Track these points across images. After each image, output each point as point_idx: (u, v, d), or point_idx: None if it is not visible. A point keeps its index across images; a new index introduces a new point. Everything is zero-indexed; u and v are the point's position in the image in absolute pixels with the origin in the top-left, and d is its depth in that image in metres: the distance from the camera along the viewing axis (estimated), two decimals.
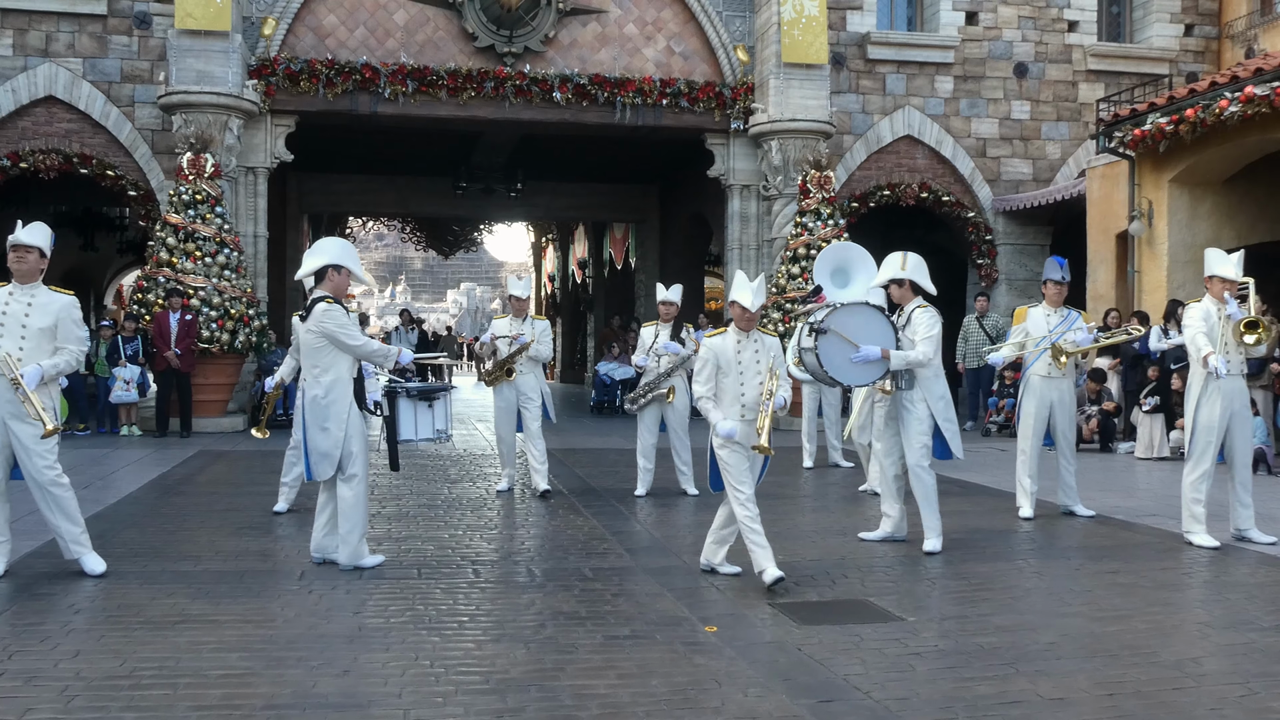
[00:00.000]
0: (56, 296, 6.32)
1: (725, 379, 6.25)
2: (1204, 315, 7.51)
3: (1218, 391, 7.44)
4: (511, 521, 8.32)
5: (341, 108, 16.29)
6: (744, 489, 6.18)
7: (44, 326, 6.20)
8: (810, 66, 16.69)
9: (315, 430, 6.49)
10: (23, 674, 4.51)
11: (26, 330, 6.16)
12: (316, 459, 6.51)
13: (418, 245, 36.21)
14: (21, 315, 6.17)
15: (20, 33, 15.69)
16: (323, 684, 4.45)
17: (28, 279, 6.24)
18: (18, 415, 6.12)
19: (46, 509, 6.25)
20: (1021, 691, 4.42)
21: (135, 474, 10.64)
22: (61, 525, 6.25)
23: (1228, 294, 7.52)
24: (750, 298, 6.25)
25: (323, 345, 6.50)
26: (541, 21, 16.66)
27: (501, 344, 9.66)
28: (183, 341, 14.06)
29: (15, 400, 6.10)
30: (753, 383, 6.22)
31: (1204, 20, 19.22)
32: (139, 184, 15.95)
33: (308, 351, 6.58)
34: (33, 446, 6.14)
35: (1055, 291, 8.74)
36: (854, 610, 5.72)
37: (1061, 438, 8.80)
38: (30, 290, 6.25)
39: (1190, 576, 6.65)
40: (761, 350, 6.31)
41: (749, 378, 6.23)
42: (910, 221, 20.15)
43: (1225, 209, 14.38)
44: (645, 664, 4.75)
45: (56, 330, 6.24)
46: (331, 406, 6.50)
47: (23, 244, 6.21)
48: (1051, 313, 8.75)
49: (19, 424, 6.13)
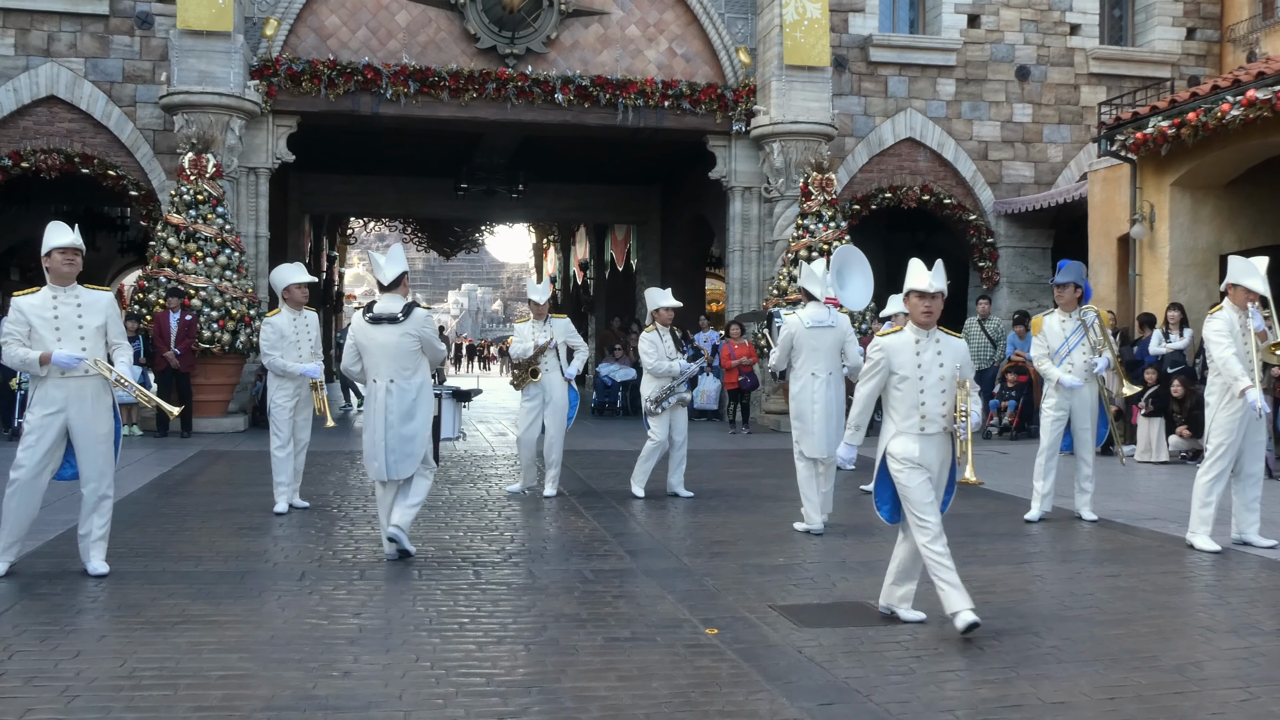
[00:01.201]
0: (99, 294, 6.42)
1: (901, 385, 5.39)
2: (1229, 329, 7.28)
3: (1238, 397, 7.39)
4: (512, 523, 8.32)
5: (343, 108, 16.30)
6: (929, 519, 5.29)
7: (98, 325, 6.29)
8: (812, 69, 16.70)
9: (399, 429, 6.73)
10: (23, 674, 4.51)
11: (84, 330, 6.23)
12: (399, 458, 6.75)
13: (419, 246, 36.24)
14: (75, 317, 6.23)
15: (22, 32, 15.70)
16: (323, 685, 4.45)
17: (70, 280, 6.31)
18: (92, 419, 6.21)
19: (94, 512, 6.30)
20: (1023, 695, 4.41)
21: (136, 474, 10.64)
22: (96, 529, 6.31)
23: (1254, 308, 7.41)
24: (928, 280, 5.38)
25: (416, 348, 6.81)
26: (543, 23, 16.67)
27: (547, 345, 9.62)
28: (182, 341, 14.07)
29: (95, 403, 6.22)
30: (934, 390, 5.36)
31: (1206, 24, 19.23)
32: (140, 184, 15.96)
33: (398, 353, 6.79)
34: (105, 450, 6.26)
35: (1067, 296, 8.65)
36: (855, 613, 5.72)
37: (1081, 442, 8.74)
38: (73, 291, 6.31)
39: (1192, 580, 6.64)
40: (946, 353, 5.43)
41: (930, 384, 5.36)
42: (912, 224, 20.17)
43: (1227, 213, 14.38)
44: (646, 666, 4.75)
45: (108, 327, 6.34)
46: (419, 406, 6.82)
47: (71, 247, 6.28)
48: (1066, 318, 8.64)
49: (93, 427, 6.23)
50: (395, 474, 6.80)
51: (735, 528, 8.23)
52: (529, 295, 10.06)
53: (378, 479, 6.92)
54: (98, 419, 6.26)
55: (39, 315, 6.17)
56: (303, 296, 8.79)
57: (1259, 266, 7.41)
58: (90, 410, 6.23)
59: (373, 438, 6.84)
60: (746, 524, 8.40)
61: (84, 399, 6.22)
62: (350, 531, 7.85)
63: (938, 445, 5.40)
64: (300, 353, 8.64)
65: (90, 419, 6.23)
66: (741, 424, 16.36)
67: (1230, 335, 7.28)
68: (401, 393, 6.80)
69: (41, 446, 6.18)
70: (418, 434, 6.81)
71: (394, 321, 6.78)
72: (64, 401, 6.18)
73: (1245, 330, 7.35)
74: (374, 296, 7.11)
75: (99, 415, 6.27)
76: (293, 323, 8.67)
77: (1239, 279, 7.37)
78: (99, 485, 6.30)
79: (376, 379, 6.87)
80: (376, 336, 6.81)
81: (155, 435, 14.18)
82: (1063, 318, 8.59)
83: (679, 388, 9.66)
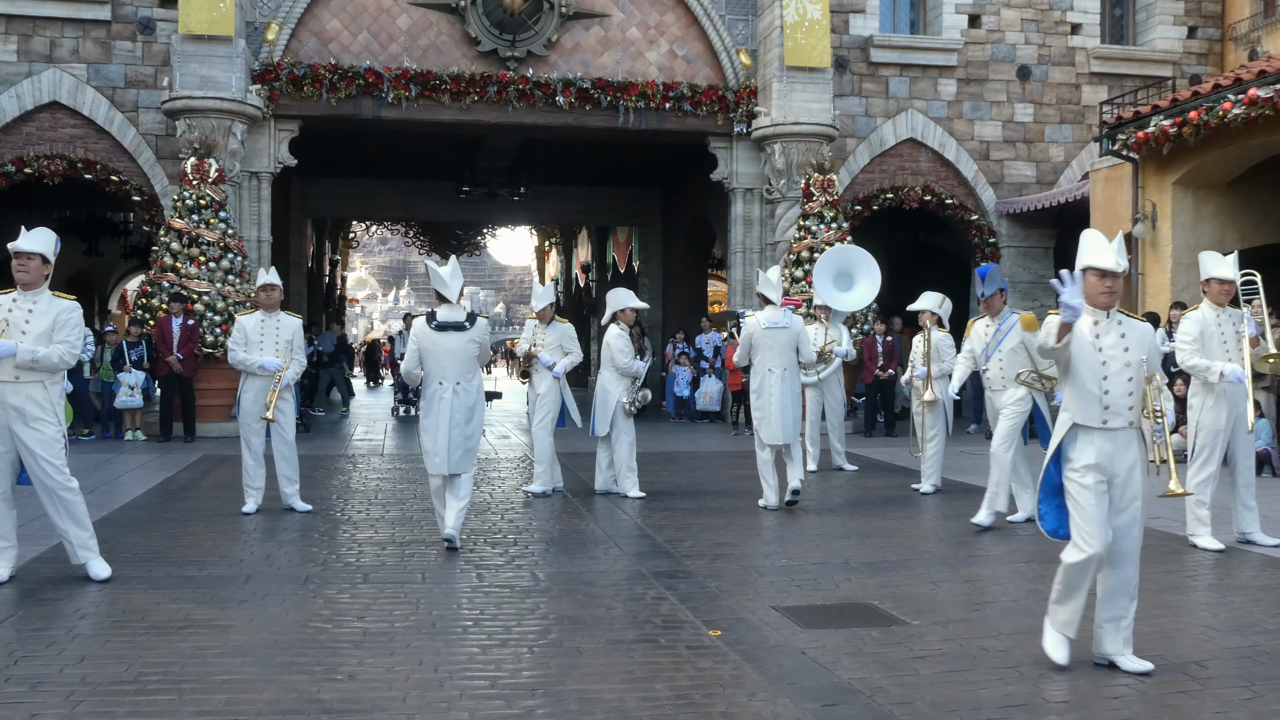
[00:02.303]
0: (59, 301, 6.30)
1: (1080, 370, 4.70)
2: (1198, 331, 7.35)
3: (1222, 395, 7.42)
4: (515, 526, 8.32)
5: (344, 112, 16.32)
6: (1093, 540, 4.58)
7: (42, 330, 6.16)
8: (813, 70, 16.70)
9: (464, 428, 7.32)
10: (28, 679, 4.52)
11: (26, 336, 6.12)
12: (462, 454, 7.33)
13: (421, 249, 36.28)
14: (22, 322, 6.16)
15: (25, 38, 15.73)
16: (327, 689, 4.45)
17: (31, 286, 6.22)
18: (23, 420, 6.13)
19: (55, 514, 6.26)
20: (1027, 695, 4.41)
21: (140, 479, 10.65)
22: (70, 530, 6.25)
23: (1248, 313, 7.42)
24: (1112, 258, 4.70)
25: (476, 353, 7.45)
26: (544, 25, 16.68)
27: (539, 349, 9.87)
28: (185, 346, 14.08)
29: (20, 405, 6.11)
30: (1119, 379, 4.68)
31: (1207, 22, 19.21)
32: (143, 189, 15.98)
33: (463, 358, 7.37)
34: (40, 451, 6.14)
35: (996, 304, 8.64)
36: (858, 614, 5.72)
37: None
38: (33, 297, 6.23)
39: (1194, 579, 6.64)
40: (1131, 338, 4.74)
41: (1114, 371, 4.68)
42: (913, 224, 20.16)
43: (1229, 211, 14.37)
44: (650, 668, 4.75)
45: (53, 333, 6.20)
46: (477, 408, 7.46)
47: (23, 251, 6.19)
48: (991, 323, 8.66)
49: (25, 429, 6.13)
50: (457, 468, 7.31)
51: (738, 529, 8.23)
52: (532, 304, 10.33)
53: (439, 473, 7.36)
54: (31, 423, 6.11)
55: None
56: (268, 299, 8.85)
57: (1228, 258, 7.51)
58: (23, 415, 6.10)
59: (435, 435, 7.32)
60: (749, 525, 8.41)
61: (16, 405, 6.10)
62: (353, 535, 7.85)
63: (1124, 444, 4.70)
64: (263, 355, 8.70)
65: (24, 424, 6.11)
66: (744, 425, 16.34)
67: (1199, 339, 7.34)
68: (465, 394, 7.37)
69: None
70: (476, 432, 7.44)
71: (460, 329, 7.34)
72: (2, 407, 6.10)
73: (1221, 325, 7.38)
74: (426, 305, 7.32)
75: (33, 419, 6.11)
76: (260, 324, 8.78)
77: (1211, 272, 7.45)
78: (49, 486, 6.17)
79: (442, 381, 7.35)
80: (442, 343, 7.33)
81: (158, 440, 14.19)
82: (989, 323, 8.67)
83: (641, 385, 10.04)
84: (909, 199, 18.18)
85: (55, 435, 6.21)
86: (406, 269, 74.47)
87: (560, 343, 9.88)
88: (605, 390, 9.83)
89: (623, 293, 10.05)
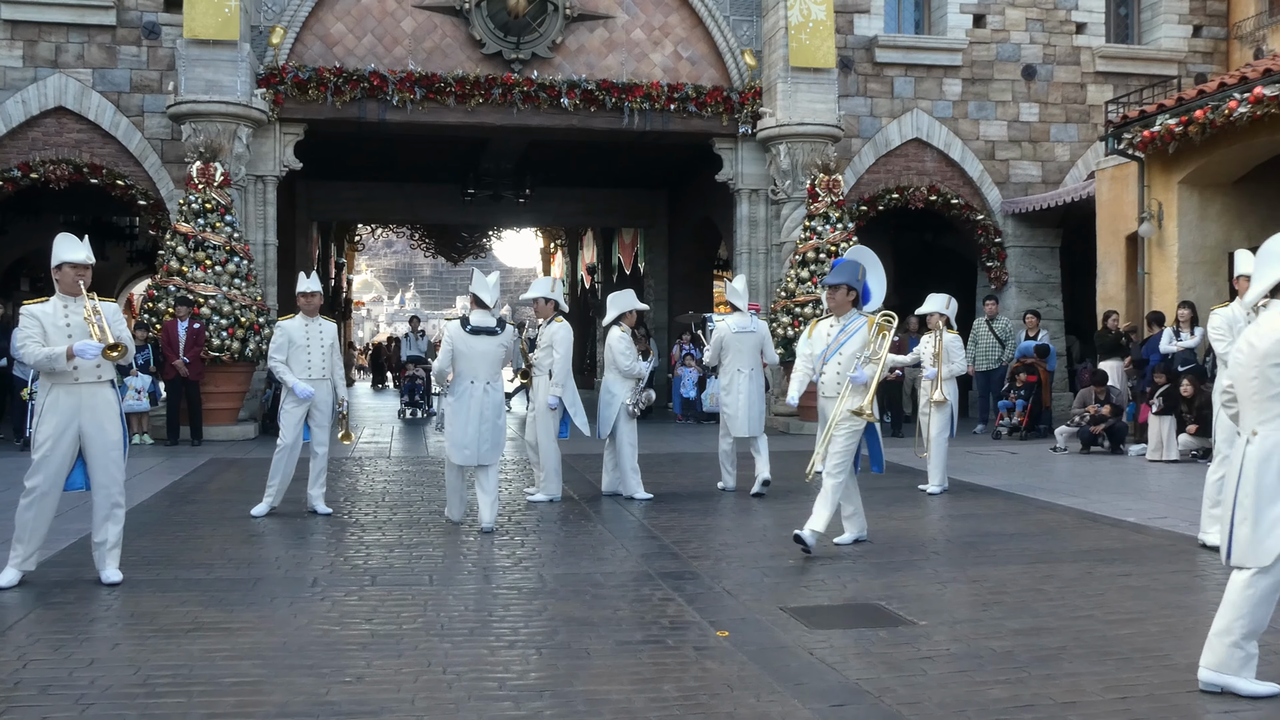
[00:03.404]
0: (105, 305, 6.51)
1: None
2: (1227, 325, 7.31)
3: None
4: (522, 528, 8.33)
5: (349, 115, 16.34)
6: None
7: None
8: (818, 70, 16.70)
9: (493, 423, 8.08)
10: (38, 682, 4.53)
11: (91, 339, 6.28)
12: (491, 446, 8.08)
13: (426, 252, 36.33)
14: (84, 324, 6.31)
15: (30, 44, 15.77)
16: (335, 691, 4.46)
17: (80, 293, 6.41)
18: (98, 420, 6.27)
19: (105, 516, 6.34)
20: (1034, 695, 4.41)
21: (147, 483, 10.68)
22: (111, 534, 6.34)
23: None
24: None
25: (504, 355, 8.20)
26: (549, 28, 16.70)
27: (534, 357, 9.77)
28: (191, 350, 14.11)
29: (98, 405, 6.27)
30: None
31: (1212, 21, 19.18)
32: (149, 193, 16.01)
33: (493, 360, 8.12)
34: (113, 453, 6.31)
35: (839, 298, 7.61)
36: (865, 614, 5.72)
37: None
38: (80, 302, 6.39)
39: (1203, 579, 6.62)
40: None
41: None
42: (919, 224, 20.15)
43: (1235, 210, 14.35)
44: (657, 669, 4.76)
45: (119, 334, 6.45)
46: (502, 405, 8.27)
47: (86, 264, 6.42)
48: (835, 323, 7.65)
49: (99, 430, 6.28)
50: (486, 459, 8.08)
51: (744, 530, 8.24)
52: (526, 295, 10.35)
53: (467, 464, 8.08)
54: (108, 426, 6.32)
55: (52, 323, 6.26)
56: (309, 305, 8.86)
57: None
58: (101, 417, 6.30)
59: (465, 429, 8.04)
60: (755, 526, 8.41)
61: (95, 406, 6.29)
62: (361, 538, 7.87)
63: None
64: (310, 359, 8.70)
65: (101, 426, 6.29)
66: None
67: (1229, 331, 7.31)
68: (495, 392, 8.17)
69: (56, 456, 6.23)
70: (503, 427, 8.28)
71: (492, 334, 8.10)
72: (75, 409, 6.24)
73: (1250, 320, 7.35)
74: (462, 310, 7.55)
75: (109, 422, 6.33)
76: (305, 328, 8.77)
77: (1244, 269, 7.43)
78: (111, 492, 6.34)
79: (474, 380, 8.08)
80: (476, 346, 8.07)
81: (166, 444, 14.22)
82: (833, 323, 7.63)
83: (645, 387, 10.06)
84: (914, 199, 18.17)
85: (121, 438, 6.42)
86: (412, 272, 74.55)
87: (551, 342, 9.56)
88: (609, 392, 9.84)
89: (625, 295, 10.10)
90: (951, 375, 10.21)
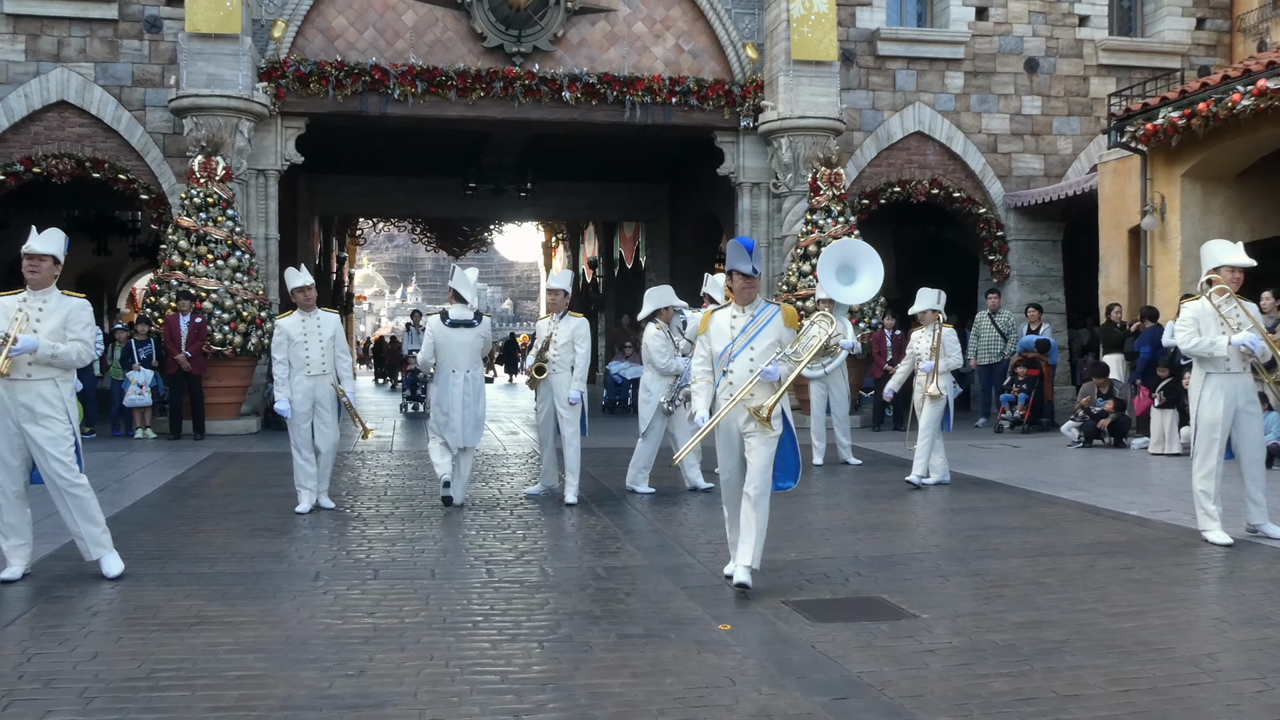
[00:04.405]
0: (68, 300, 6.37)
1: None
2: (1195, 315, 7.39)
3: (1220, 388, 7.40)
4: (524, 521, 8.34)
5: (351, 109, 16.33)
6: None
7: (53, 328, 6.22)
8: (820, 63, 16.67)
9: (474, 407, 8.89)
10: (42, 676, 4.54)
11: (38, 334, 6.15)
12: (473, 429, 8.91)
13: (428, 246, 36.28)
14: (34, 320, 6.21)
15: (32, 38, 15.77)
16: (338, 684, 4.47)
17: (41, 286, 6.29)
18: (34, 417, 6.16)
19: (66, 512, 6.29)
20: (1036, 688, 4.41)
21: (150, 477, 10.69)
22: (82, 527, 6.28)
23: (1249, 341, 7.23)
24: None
25: (481, 346, 9.00)
26: (550, 21, 16.68)
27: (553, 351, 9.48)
28: (193, 344, 14.12)
29: (30, 402, 6.14)
30: None
31: (1215, 14, 19.14)
32: (151, 187, 16.01)
33: (471, 350, 8.92)
34: (50, 449, 6.17)
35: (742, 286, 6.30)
36: (868, 607, 5.72)
37: None
38: (43, 295, 6.29)
39: (1205, 572, 6.63)
40: None
41: None
42: (921, 218, 20.13)
43: (1238, 203, 14.32)
44: (659, 662, 4.76)
45: (65, 330, 6.26)
46: (483, 391, 9.10)
47: (36, 253, 6.26)
48: (739, 313, 6.31)
49: (35, 427, 6.16)
50: (469, 441, 8.89)
51: None
52: (548, 284, 10.24)
53: (455, 445, 8.82)
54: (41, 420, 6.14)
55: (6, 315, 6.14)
56: (305, 299, 8.81)
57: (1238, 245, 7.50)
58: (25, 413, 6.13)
59: (450, 413, 8.82)
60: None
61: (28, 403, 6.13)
62: (363, 531, 7.87)
63: None
64: (308, 354, 8.67)
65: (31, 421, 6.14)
66: None
67: (1194, 323, 7.38)
68: (475, 380, 8.95)
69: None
70: (483, 411, 9.06)
71: (469, 326, 8.86)
72: (9, 405, 6.13)
73: (1223, 312, 7.34)
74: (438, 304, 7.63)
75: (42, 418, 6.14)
76: (301, 324, 8.73)
77: (1223, 259, 7.43)
78: (58, 485, 6.21)
79: (455, 370, 8.84)
80: (454, 337, 8.83)
81: (168, 438, 14.23)
82: (734, 312, 6.34)
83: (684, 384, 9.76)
84: (916, 192, 18.15)
85: (65, 433, 6.23)
86: (414, 265, 74.50)
87: (572, 339, 9.42)
88: (647, 390, 9.85)
89: (663, 290, 10.05)
90: (948, 369, 10.20)
